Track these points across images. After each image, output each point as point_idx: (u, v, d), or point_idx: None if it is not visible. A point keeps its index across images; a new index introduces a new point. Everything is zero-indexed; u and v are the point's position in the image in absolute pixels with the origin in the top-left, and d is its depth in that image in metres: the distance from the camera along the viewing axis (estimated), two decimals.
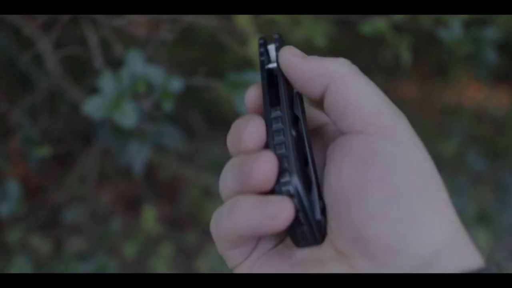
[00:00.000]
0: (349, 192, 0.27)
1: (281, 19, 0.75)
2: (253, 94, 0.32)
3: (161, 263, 0.97)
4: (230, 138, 0.30)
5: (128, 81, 0.57)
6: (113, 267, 0.81)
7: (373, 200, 0.26)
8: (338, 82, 0.29)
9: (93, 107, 0.57)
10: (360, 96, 0.29)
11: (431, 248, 0.25)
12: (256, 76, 0.61)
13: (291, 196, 0.28)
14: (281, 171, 0.28)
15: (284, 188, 0.28)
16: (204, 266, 1.02)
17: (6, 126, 0.84)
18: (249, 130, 0.28)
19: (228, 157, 0.31)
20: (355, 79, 0.29)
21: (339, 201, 0.27)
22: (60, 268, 0.80)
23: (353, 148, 0.28)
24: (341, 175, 0.27)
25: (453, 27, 0.74)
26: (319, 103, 0.31)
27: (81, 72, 0.84)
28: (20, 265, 0.79)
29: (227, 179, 0.29)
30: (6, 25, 0.71)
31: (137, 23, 0.68)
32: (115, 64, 0.63)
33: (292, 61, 0.31)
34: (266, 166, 0.27)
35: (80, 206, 0.95)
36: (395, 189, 0.26)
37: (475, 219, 1.20)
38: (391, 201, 0.25)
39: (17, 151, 0.87)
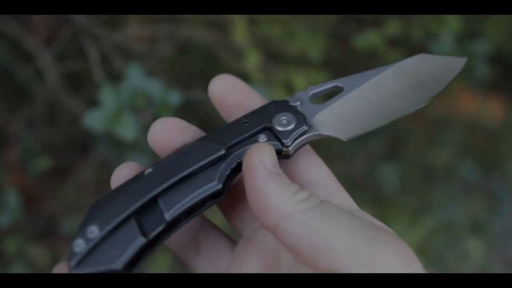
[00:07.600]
0: None
1: (277, 33, 0.77)
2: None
3: (159, 271, 0.98)
4: None
5: (128, 95, 0.59)
6: None
7: None
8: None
9: (93, 120, 0.58)
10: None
11: None
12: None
13: None
14: None
15: None
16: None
17: (4, 137, 0.85)
18: None
19: None
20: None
21: None
22: None
23: None
24: None
25: (444, 40, 0.75)
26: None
27: (79, 84, 0.85)
28: None
29: None
30: (5, 37, 0.72)
31: (136, 37, 0.70)
32: (114, 77, 0.64)
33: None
34: None
35: (77, 216, 0.96)
36: None
37: (468, 229, 1.22)
38: None
39: (15, 161, 0.88)
